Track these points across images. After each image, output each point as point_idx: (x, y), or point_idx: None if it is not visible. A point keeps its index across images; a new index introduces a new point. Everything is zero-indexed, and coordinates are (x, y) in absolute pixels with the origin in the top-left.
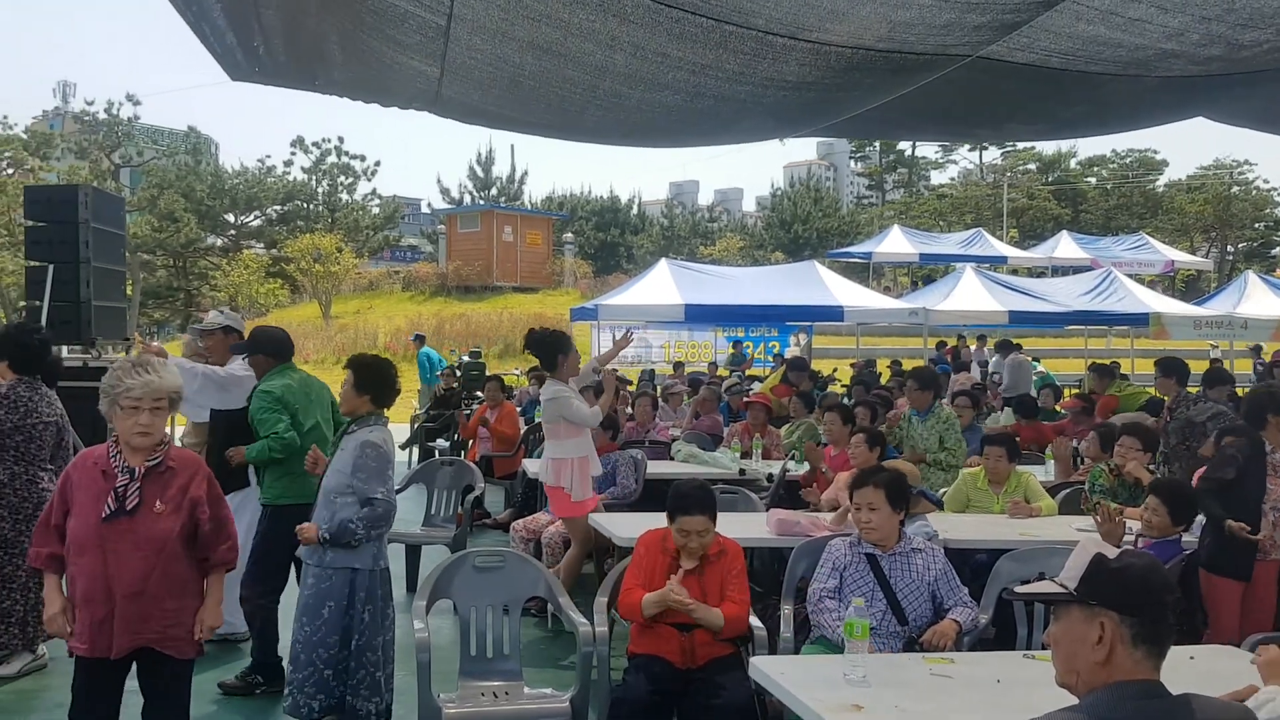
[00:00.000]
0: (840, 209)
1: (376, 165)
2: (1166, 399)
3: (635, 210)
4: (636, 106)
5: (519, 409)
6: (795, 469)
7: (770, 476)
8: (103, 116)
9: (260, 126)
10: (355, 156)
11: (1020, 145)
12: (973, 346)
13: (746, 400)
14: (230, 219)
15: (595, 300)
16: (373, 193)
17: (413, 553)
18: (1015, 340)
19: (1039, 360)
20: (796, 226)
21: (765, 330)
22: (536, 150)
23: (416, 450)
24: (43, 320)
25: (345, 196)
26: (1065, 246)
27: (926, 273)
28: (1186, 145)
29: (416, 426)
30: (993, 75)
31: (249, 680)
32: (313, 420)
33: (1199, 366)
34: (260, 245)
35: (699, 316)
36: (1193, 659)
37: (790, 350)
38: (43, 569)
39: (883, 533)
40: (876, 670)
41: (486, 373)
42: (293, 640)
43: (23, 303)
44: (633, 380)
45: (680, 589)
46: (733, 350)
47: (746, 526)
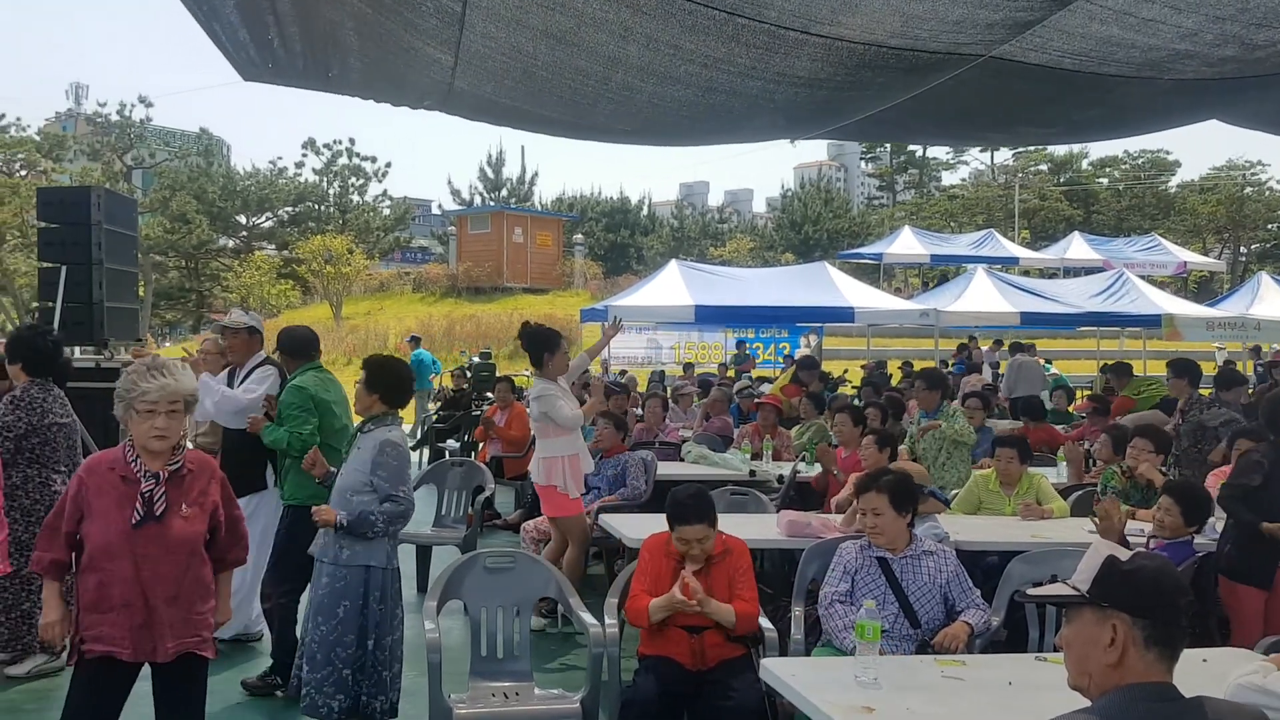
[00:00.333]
0: (851, 210)
1: (387, 167)
2: (1180, 400)
3: (645, 211)
4: (648, 100)
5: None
6: (806, 470)
7: (781, 478)
8: (115, 118)
9: (272, 128)
10: (366, 158)
11: (1032, 146)
12: (985, 348)
13: (757, 401)
14: (242, 220)
15: (605, 301)
16: (383, 194)
17: (423, 553)
18: (1027, 341)
19: (1051, 362)
20: (807, 227)
21: (775, 331)
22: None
23: (427, 451)
24: (55, 321)
25: (356, 198)
26: (1077, 247)
27: (938, 274)
28: (1199, 146)
29: (427, 428)
30: (1005, 77)
31: (268, 681)
32: (343, 422)
33: (1207, 369)
34: (272, 246)
35: (709, 318)
36: (1205, 662)
37: (801, 351)
38: (43, 574)
39: (889, 536)
40: (888, 672)
41: (497, 374)
42: (308, 640)
43: (35, 304)
44: (642, 381)
45: (695, 582)
46: (736, 351)
47: (757, 528)
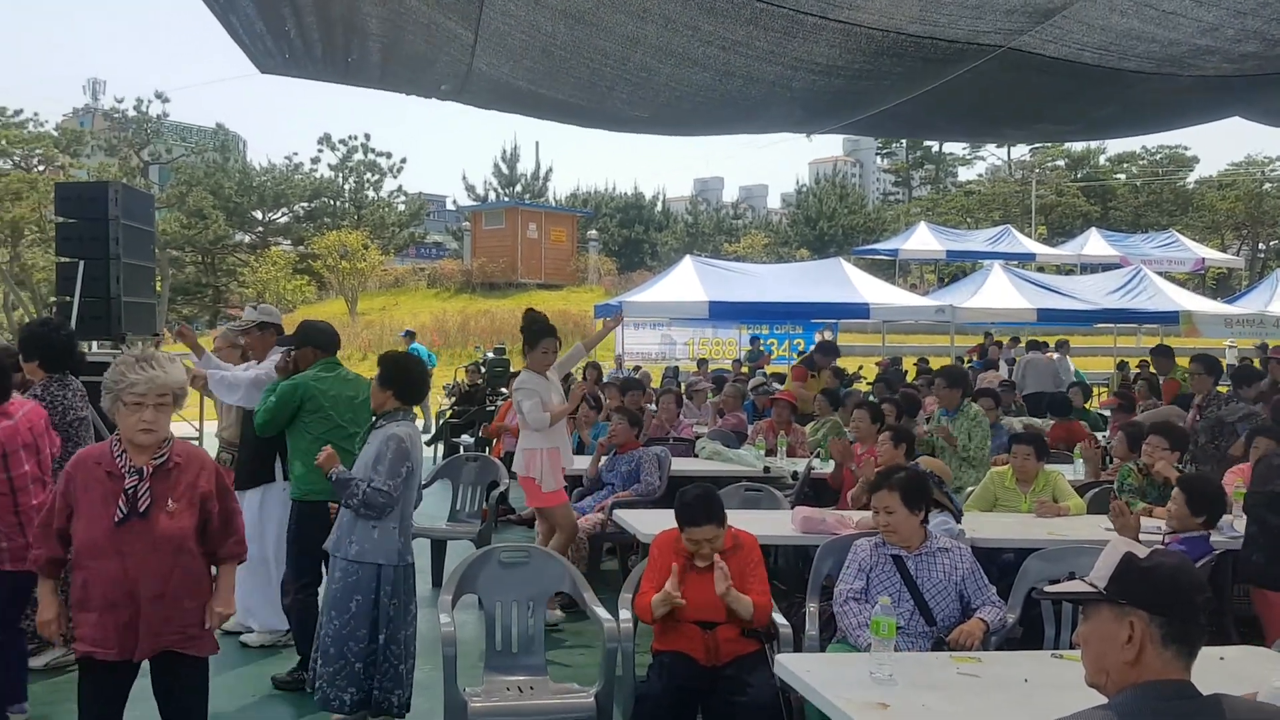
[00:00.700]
0: (866, 206)
1: (402, 162)
2: (1198, 396)
3: (660, 207)
4: (666, 83)
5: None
6: (820, 467)
7: (795, 474)
8: (132, 114)
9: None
10: (381, 154)
11: (1047, 143)
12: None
13: (771, 398)
14: (258, 216)
15: (619, 297)
16: (399, 189)
17: (438, 547)
18: (1043, 339)
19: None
20: (822, 223)
21: (790, 328)
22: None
23: (441, 446)
24: (73, 316)
25: (371, 193)
26: (1094, 244)
27: (953, 270)
28: (1218, 142)
29: (441, 423)
30: (1024, 70)
31: (296, 676)
32: (337, 422)
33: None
34: (287, 242)
35: (723, 314)
36: (1223, 660)
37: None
38: (38, 571)
39: (902, 534)
40: (903, 669)
41: (511, 369)
42: (322, 634)
43: (53, 298)
44: (655, 377)
45: (723, 568)
46: (750, 347)
47: (771, 524)
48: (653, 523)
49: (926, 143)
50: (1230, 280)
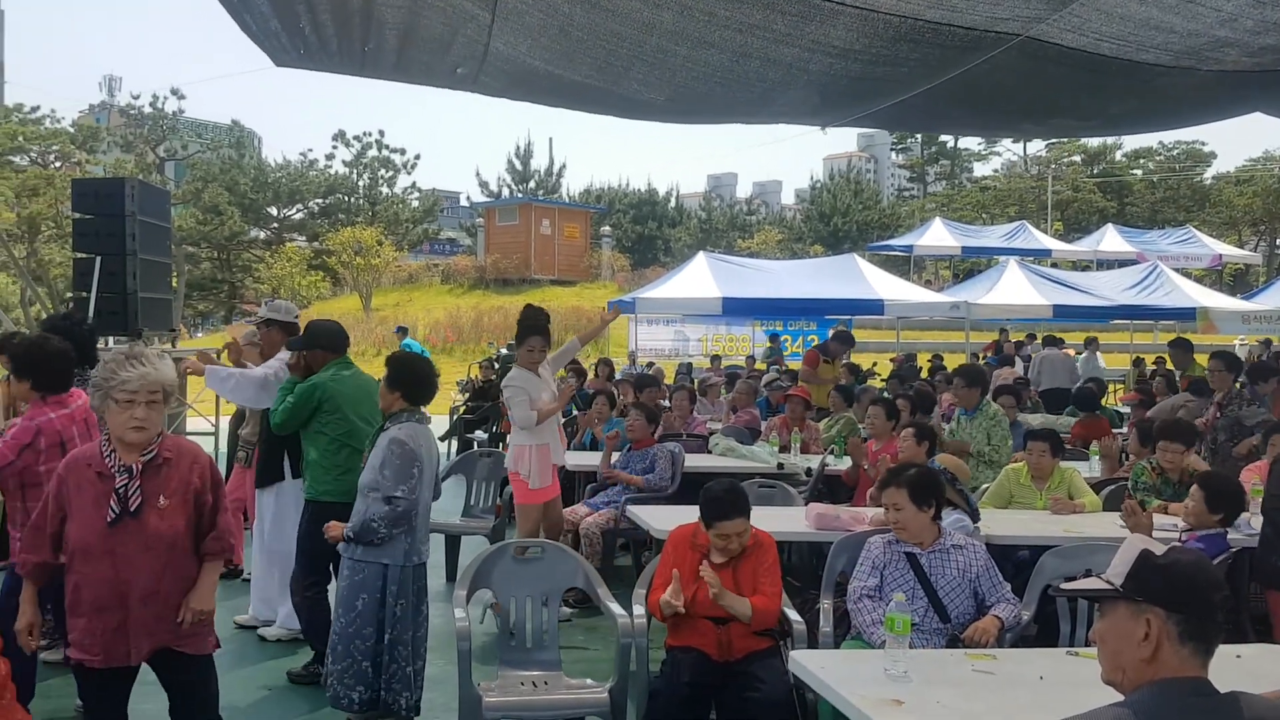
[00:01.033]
0: (881, 201)
1: (416, 159)
2: (1218, 393)
3: (673, 203)
4: (682, 64)
5: None
6: (834, 464)
7: (809, 470)
8: (148, 110)
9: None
10: (395, 150)
11: (1064, 138)
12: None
13: (785, 394)
14: (273, 212)
15: (633, 293)
16: (412, 186)
17: (452, 543)
18: (1059, 335)
19: (1081, 355)
20: (836, 219)
21: (804, 324)
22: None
23: (455, 442)
24: (90, 311)
25: (385, 190)
26: (1110, 240)
27: (969, 266)
28: (1235, 137)
29: (455, 419)
30: (1041, 61)
31: (311, 670)
32: (354, 423)
33: None
34: (302, 238)
35: (737, 310)
36: (1239, 658)
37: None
38: (25, 577)
39: (912, 531)
40: (918, 666)
41: None
42: (331, 631)
43: (70, 294)
44: (669, 374)
45: (713, 575)
46: (770, 344)
47: (785, 520)
48: (665, 518)
49: (942, 138)
50: (1248, 276)
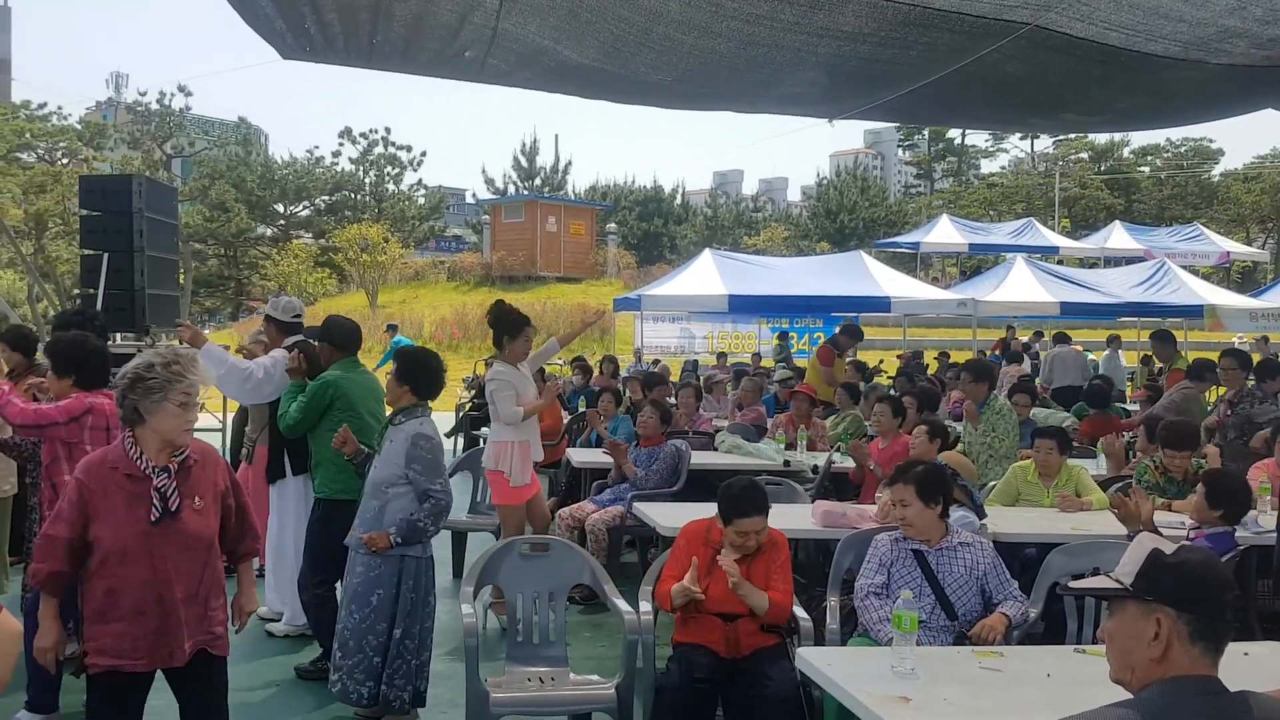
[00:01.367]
0: (887, 198)
1: (422, 156)
2: (1229, 391)
3: (679, 200)
4: (690, 51)
5: (562, 398)
6: (841, 461)
7: (815, 468)
8: (155, 107)
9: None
10: (402, 147)
11: (1072, 134)
12: (1024, 338)
13: (791, 391)
14: (280, 209)
15: (639, 291)
16: (419, 183)
17: (458, 539)
18: (1066, 331)
19: (1090, 351)
20: (842, 216)
21: (810, 321)
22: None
23: (461, 439)
24: (98, 307)
25: (392, 187)
26: (1118, 237)
27: (976, 263)
28: (1243, 134)
29: (461, 415)
30: (1050, 52)
31: (319, 666)
32: (367, 421)
33: None
34: (309, 235)
35: (743, 307)
36: (1247, 655)
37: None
38: (40, 589)
39: (919, 528)
40: (925, 663)
41: None
42: (341, 627)
43: (77, 290)
44: (675, 371)
45: (733, 566)
46: (778, 341)
47: (791, 518)
48: (671, 515)
49: (949, 134)
50: (1255, 274)
